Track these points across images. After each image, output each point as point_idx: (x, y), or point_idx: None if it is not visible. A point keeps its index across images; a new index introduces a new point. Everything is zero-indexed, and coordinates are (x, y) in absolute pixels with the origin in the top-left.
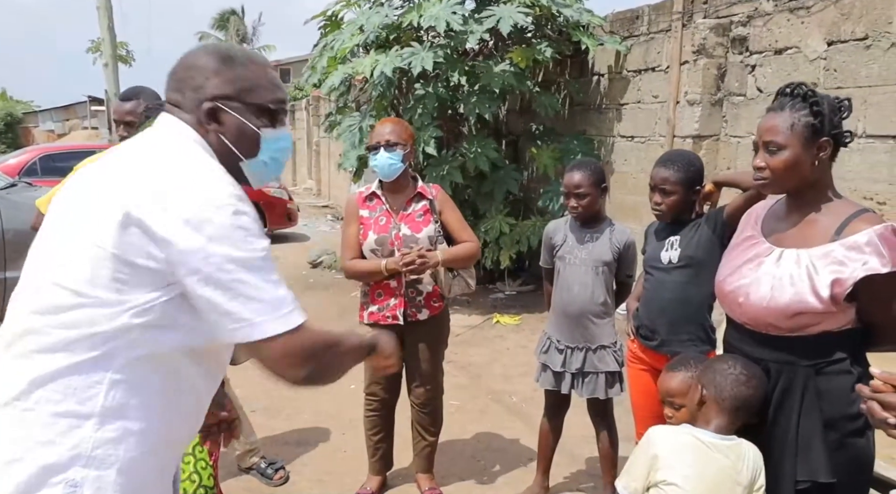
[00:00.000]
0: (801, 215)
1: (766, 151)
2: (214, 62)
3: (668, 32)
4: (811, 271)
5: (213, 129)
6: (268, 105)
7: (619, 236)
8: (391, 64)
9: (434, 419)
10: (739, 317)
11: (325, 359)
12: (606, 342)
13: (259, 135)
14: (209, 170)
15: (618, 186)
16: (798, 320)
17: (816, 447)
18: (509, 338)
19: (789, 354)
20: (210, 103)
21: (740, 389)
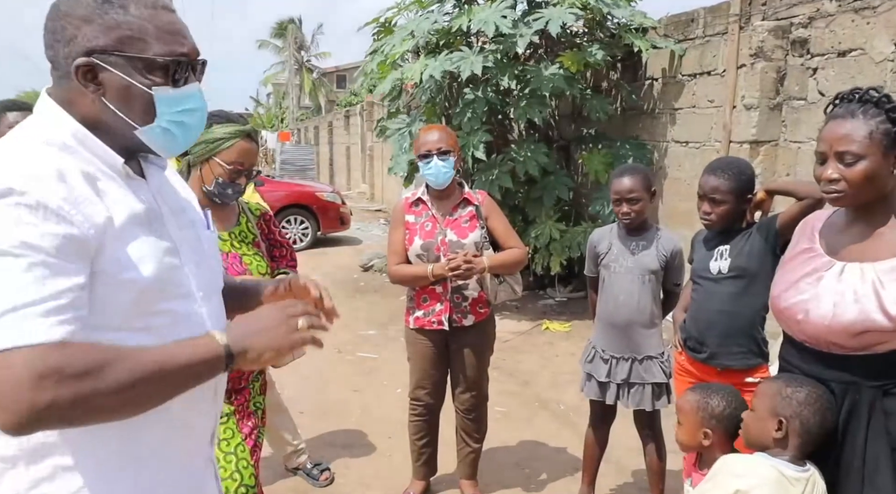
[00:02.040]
0: (865, 227)
1: (841, 162)
2: (85, 6)
3: (725, 35)
4: (877, 286)
5: (91, 91)
6: (156, 59)
7: (666, 244)
8: (440, 68)
9: (479, 426)
10: (798, 335)
11: (86, 387)
12: (653, 352)
13: (151, 95)
14: (5, 153)
15: (671, 192)
16: (864, 338)
17: (884, 472)
18: (559, 345)
19: (854, 374)
20: (84, 59)
21: (825, 415)
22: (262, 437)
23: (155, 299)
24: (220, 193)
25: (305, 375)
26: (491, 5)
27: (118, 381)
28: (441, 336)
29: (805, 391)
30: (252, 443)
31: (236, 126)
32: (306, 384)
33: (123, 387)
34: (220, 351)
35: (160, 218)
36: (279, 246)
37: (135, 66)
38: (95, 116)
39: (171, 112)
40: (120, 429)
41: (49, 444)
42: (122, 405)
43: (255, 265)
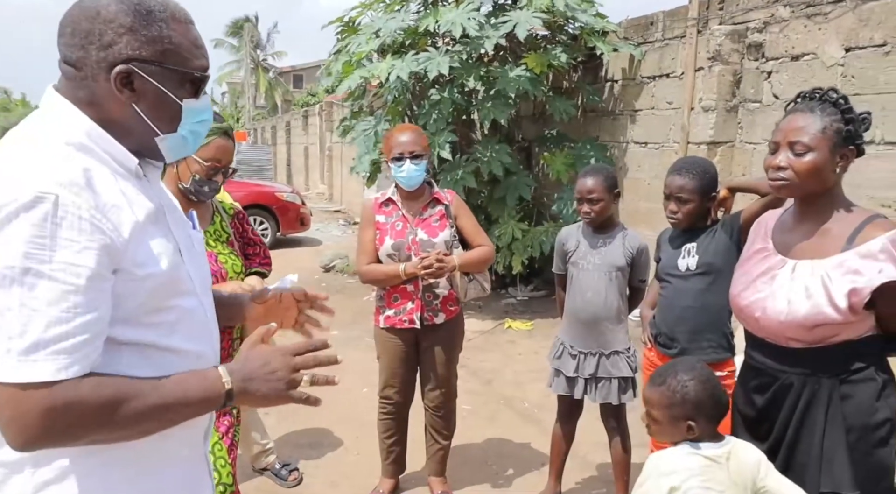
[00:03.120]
0: (812, 225)
1: (791, 152)
2: (129, 15)
3: (683, 39)
4: (827, 281)
5: (125, 97)
6: (193, 72)
7: (632, 242)
8: (407, 68)
9: (447, 423)
10: (758, 331)
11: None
12: (620, 347)
13: (181, 106)
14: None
15: (631, 192)
16: (818, 332)
17: (840, 458)
18: (521, 343)
19: (812, 366)
20: (124, 67)
21: (720, 397)
22: (238, 436)
23: (166, 295)
24: (197, 190)
25: None
26: (458, 7)
27: (126, 419)
28: (412, 335)
29: (691, 386)
30: (229, 442)
31: (214, 123)
32: None
33: (130, 424)
34: (222, 392)
35: (164, 216)
36: (252, 244)
37: (171, 77)
38: (118, 120)
39: (192, 122)
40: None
41: (43, 453)
42: (123, 437)
43: (231, 264)
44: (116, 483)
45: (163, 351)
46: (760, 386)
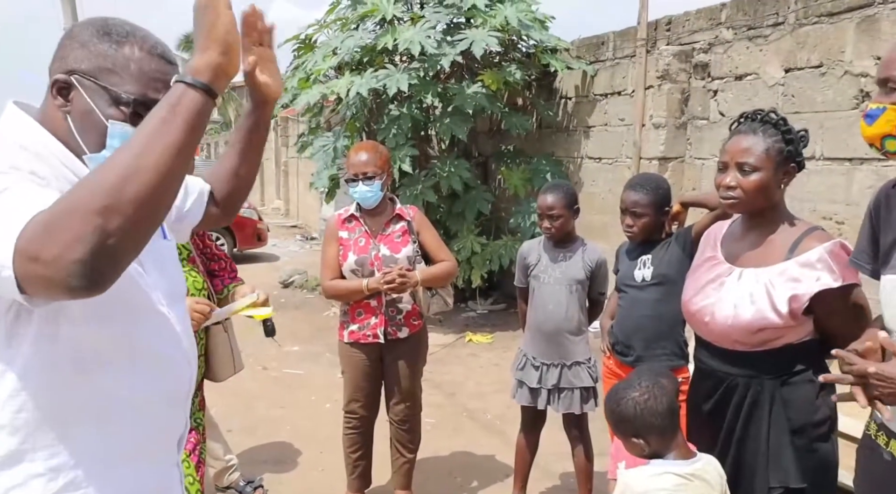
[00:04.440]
0: (757, 235)
1: (739, 172)
2: (90, 34)
3: (633, 58)
4: (769, 288)
5: (58, 105)
6: (124, 95)
7: (592, 256)
8: (367, 85)
9: (413, 436)
10: (707, 335)
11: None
12: (581, 358)
13: (105, 126)
14: None
15: (586, 206)
16: (761, 335)
17: (786, 454)
18: (482, 356)
19: (756, 368)
20: (62, 76)
21: (657, 408)
22: (205, 453)
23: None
24: None
25: (232, 392)
26: (415, 25)
27: (111, 179)
28: (376, 349)
29: (625, 404)
30: (196, 459)
31: None
32: (233, 401)
33: (123, 178)
34: (179, 87)
35: None
36: (216, 259)
37: (103, 96)
38: (60, 133)
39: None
40: (94, 433)
41: (21, 451)
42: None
43: (192, 281)
44: (86, 487)
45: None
46: (709, 389)
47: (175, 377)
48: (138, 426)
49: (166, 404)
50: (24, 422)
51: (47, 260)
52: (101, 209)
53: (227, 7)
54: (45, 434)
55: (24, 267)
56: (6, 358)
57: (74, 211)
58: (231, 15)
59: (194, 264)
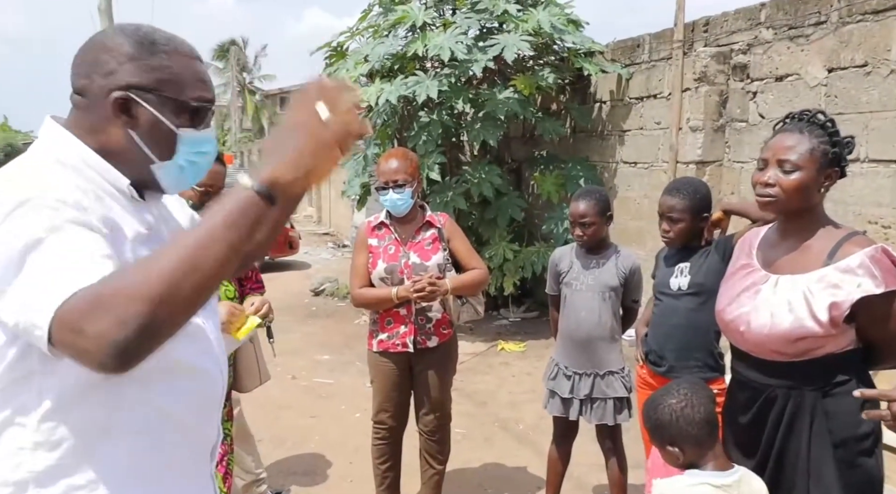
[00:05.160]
0: (794, 241)
1: (780, 170)
2: (131, 45)
3: (670, 60)
4: (808, 296)
5: (122, 123)
6: (190, 102)
7: (625, 262)
8: (396, 92)
9: (442, 448)
10: (742, 345)
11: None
12: (614, 367)
13: (176, 135)
14: (16, 176)
15: (621, 211)
16: (800, 345)
17: (828, 469)
18: (514, 365)
19: (795, 379)
20: (121, 93)
21: (694, 417)
22: (233, 463)
23: None
24: None
25: (261, 402)
26: (445, 31)
27: (167, 273)
28: (405, 359)
29: (661, 411)
30: (224, 470)
31: None
32: (262, 411)
33: (175, 275)
34: (251, 195)
35: (161, 239)
36: None
37: (167, 106)
38: (117, 147)
39: (189, 152)
40: (133, 446)
41: (61, 466)
42: (187, 289)
43: (223, 289)
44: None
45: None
46: (747, 401)
47: (209, 388)
48: (174, 437)
49: (200, 415)
50: (63, 438)
51: (89, 336)
52: (153, 299)
53: (321, 130)
54: (84, 448)
55: (63, 335)
56: (44, 373)
57: (126, 295)
58: (327, 138)
59: None
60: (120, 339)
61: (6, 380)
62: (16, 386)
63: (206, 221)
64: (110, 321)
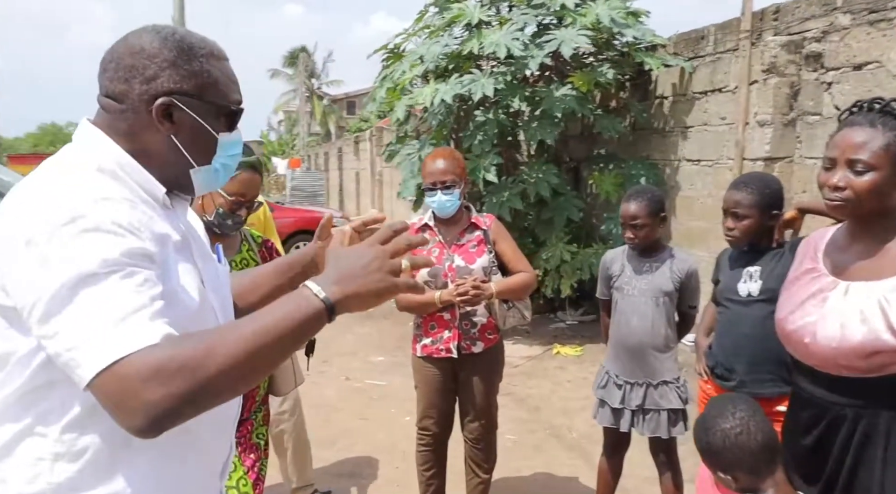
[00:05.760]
0: (868, 244)
1: (850, 170)
2: (171, 51)
3: (736, 51)
4: (885, 305)
5: (165, 129)
6: (230, 106)
7: (681, 265)
8: (451, 92)
9: (488, 456)
10: (807, 359)
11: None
12: (668, 377)
13: (216, 139)
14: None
15: (684, 211)
16: (875, 359)
17: None
18: (570, 370)
19: (867, 397)
20: (165, 99)
21: (750, 445)
22: (265, 470)
23: (194, 327)
24: (220, 223)
25: (315, 403)
26: (501, 28)
27: (225, 363)
28: (449, 364)
29: (713, 437)
30: (255, 476)
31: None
32: (313, 412)
33: (232, 367)
34: (321, 306)
35: (190, 248)
36: None
37: (209, 110)
38: (155, 151)
39: (225, 155)
40: (153, 460)
41: (82, 478)
42: (236, 382)
43: None
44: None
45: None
46: (810, 421)
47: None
48: (191, 452)
49: (216, 429)
50: (85, 448)
51: (141, 399)
52: (209, 384)
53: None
54: (106, 461)
55: (111, 389)
56: (69, 382)
57: (187, 375)
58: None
59: None
60: (166, 412)
61: (29, 387)
62: (38, 393)
63: (277, 319)
64: (164, 394)
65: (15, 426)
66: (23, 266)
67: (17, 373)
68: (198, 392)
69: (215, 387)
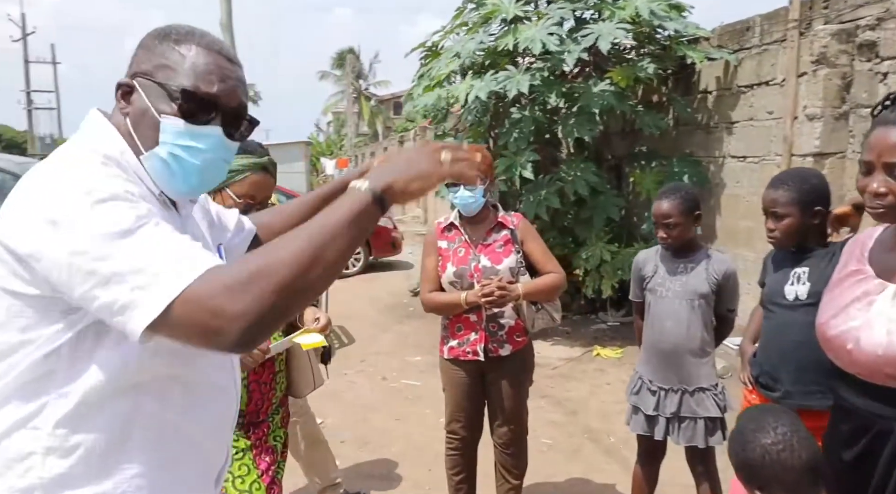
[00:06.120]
0: None
1: (890, 175)
2: (150, 38)
3: (784, 42)
4: None
5: (121, 107)
6: (172, 89)
7: (718, 266)
8: (486, 88)
9: (518, 461)
10: (849, 366)
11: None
12: (705, 383)
13: (157, 121)
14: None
15: (729, 210)
16: None
17: None
18: (610, 372)
19: None
20: (126, 79)
21: (792, 463)
22: (282, 473)
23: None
24: None
25: (350, 403)
26: (538, 23)
27: (294, 262)
28: (476, 367)
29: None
30: (269, 480)
31: (251, 159)
32: (348, 412)
33: (300, 265)
34: (367, 197)
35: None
36: None
37: (158, 93)
38: (125, 137)
39: (172, 144)
40: (146, 461)
41: (72, 475)
42: (310, 279)
43: None
44: None
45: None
46: (851, 433)
47: (224, 405)
48: (184, 457)
49: (212, 433)
50: (77, 445)
51: (227, 315)
52: (286, 284)
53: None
54: (98, 459)
55: (190, 315)
56: (68, 375)
57: (261, 281)
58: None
59: None
60: (255, 320)
61: (27, 377)
62: (36, 385)
63: (328, 216)
64: (248, 302)
65: (11, 417)
66: (52, 244)
67: (19, 363)
68: (278, 294)
69: (291, 286)
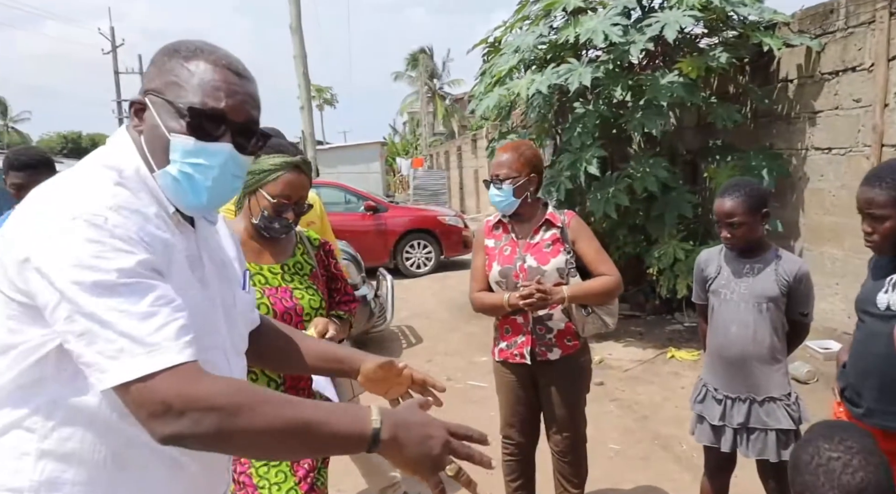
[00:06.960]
0: None
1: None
2: (161, 54)
3: (872, 24)
4: None
5: (134, 125)
6: (180, 106)
7: (789, 267)
8: (546, 82)
9: (577, 470)
10: None
11: (215, 421)
12: (776, 393)
13: (167, 139)
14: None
15: (814, 205)
16: None
17: None
18: (685, 376)
19: None
20: (138, 97)
21: (852, 484)
22: (323, 479)
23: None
24: (267, 226)
25: None
26: (600, 14)
27: (254, 428)
28: (525, 371)
29: (812, 463)
30: (307, 487)
31: (283, 158)
32: None
33: (259, 434)
34: (369, 430)
35: (202, 268)
36: (334, 279)
37: (167, 110)
38: (140, 153)
39: (182, 162)
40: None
41: (62, 480)
42: (254, 449)
43: (307, 300)
44: None
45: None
46: None
47: None
48: (177, 481)
49: (204, 464)
50: (72, 453)
51: (185, 419)
52: (230, 437)
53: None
54: (85, 472)
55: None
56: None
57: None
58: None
59: (316, 281)
60: (176, 441)
61: (25, 378)
62: (29, 389)
63: (322, 413)
64: (184, 427)
65: (8, 416)
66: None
67: (17, 363)
68: (215, 439)
69: (234, 443)
